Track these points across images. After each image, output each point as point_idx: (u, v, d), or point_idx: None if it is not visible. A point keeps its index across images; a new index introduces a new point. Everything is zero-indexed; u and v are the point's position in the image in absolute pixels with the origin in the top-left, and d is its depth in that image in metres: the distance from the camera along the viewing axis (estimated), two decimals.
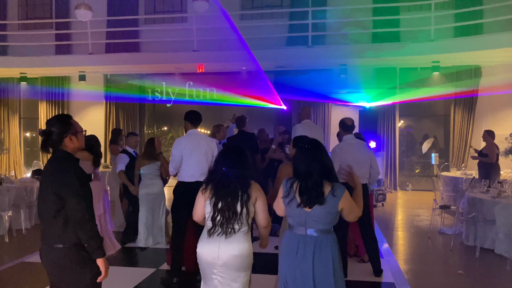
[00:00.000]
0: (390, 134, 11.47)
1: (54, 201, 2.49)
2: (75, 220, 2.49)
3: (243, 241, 2.78)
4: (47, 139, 2.58)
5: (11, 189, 6.69)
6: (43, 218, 2.58)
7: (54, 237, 2.52)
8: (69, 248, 2.51)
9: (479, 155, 8.03)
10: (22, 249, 6.06)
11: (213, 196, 2.77)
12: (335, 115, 11.59)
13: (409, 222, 8.00)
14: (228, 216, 2.73)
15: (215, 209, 2.75)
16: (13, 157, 13.05)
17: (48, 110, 12.76)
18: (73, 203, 2.48)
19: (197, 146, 4.60)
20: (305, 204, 2.60)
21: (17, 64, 11.55)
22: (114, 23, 11.65)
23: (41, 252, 2.63)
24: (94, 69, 11.73)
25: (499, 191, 5.99)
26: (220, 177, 2.76)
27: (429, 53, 9.61)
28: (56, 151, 2.60)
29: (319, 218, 2.60)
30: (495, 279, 4.99)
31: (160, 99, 12.69)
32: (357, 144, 4.90)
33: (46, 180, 2.56)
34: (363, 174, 4.74)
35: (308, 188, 2.59)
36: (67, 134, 2.60)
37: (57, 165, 2.55)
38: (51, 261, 2.54)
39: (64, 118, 2.67)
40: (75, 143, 2.64)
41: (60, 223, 2.50)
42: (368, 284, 4.74)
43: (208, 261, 2.77)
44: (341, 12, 10.68)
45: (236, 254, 2.74)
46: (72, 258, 2.52)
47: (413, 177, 12.29)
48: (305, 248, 2.61)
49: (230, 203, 2.73)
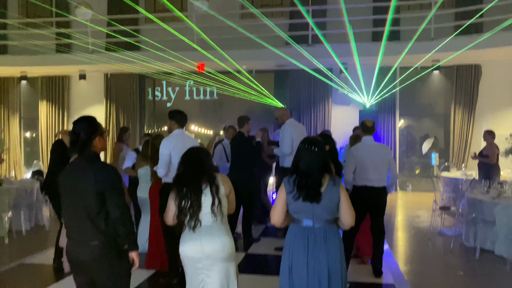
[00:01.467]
0: (390, 134, 11.46)
1: (97, 199, 2.61)
2: (117, 216, 2.64)
3: (223, 233, 2.95)
4: (76, 140, 2.69)
5: (11, 190, 6.68)
6: (79, 216, 2.65)
7: (93, 234, 2.62)
8: (108, 243, 2.65)
9: (479, 156, 8.03)
10: (22, 250, 6.06)
11: (177, 188, 2.97)
12: (335, 114, 11.58)
13: (409, 223, 8.00)
14: (193, 210, 2.90)
15: (180, 197, 2.94)
16: (13, 157, 13.05)
17: (48, 110, 12.74)
18: (116, 201, 2.64)
19: (184, 147, 4.53)
20: (304, 199, 2.74)
21: (17, 63, 11.55)
22: (115, 22, 11.62)
23: (74, 251, 2.70)
24: (95, 68, 11.72)
25: (499, 192, 5.98)
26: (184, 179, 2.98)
27: (429, 52, 9.60)
28: (85, 152, 2.70)
29: (324, 208, 2.74)
30: (495, 280, 4.99)
31: (160, 98, 12.70)
32: (375, 146, 4.91)
33: (81, 180, 2.63)
34: (380, 177, 4.75)
35: (307, 186, 2.73)
36: (96, 135, 2.72)
37: (93, 165, 2.66)
38: (91, 257, 2.63)
39: (92, 120, 2.79)
40: (102, 144, 2.78)
41: (102, 219, 2.63)
42: (368, 285, 4.74)
43: (192, 257, 2.90)
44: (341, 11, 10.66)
45: (219, 246, 2.89)
46: (111, 252, 2.66)
47: (413, 177, 12.28)
48: (315, 239, 2.73)
49: (194, 198, 2.91)
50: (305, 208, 2.75)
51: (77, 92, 12.86)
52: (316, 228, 2.75)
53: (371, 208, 4.80)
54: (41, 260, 5.57)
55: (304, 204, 2.74)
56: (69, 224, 2.75)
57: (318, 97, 11.64)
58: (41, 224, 7.48)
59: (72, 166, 2.73)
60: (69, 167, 2.75)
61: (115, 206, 2.63)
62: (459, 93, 11.08)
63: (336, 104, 11.67)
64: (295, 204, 2.77)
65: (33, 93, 13.29)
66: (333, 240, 2.76)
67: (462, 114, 11.03)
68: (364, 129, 4.98)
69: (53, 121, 12.72)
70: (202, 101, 12.53)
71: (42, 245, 6.30)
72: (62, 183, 2.75)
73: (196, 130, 15.62)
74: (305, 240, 2.75)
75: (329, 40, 10.92)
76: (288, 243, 2.84)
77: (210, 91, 12.16)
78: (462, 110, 11.04)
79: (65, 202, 2.75)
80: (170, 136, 4.66)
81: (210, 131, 14.36)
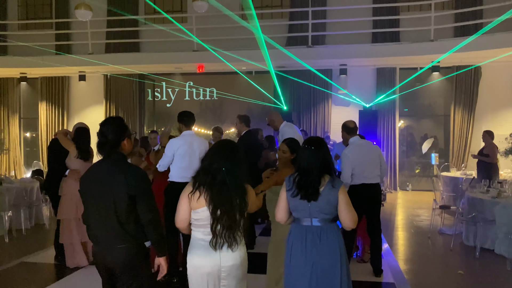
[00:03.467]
0: (390, 134, 11.47)
1: (128, 202, 2.53)
2: (149, 220, 2.58)
3: (242, 248, 2.64)
4: (105, 143, 2.61)
5: (11, 189, 6.69)
6: (107, 220, 2.55)
7: (121, 238, 2.56)
8: (136, 247, 2.60)
9: (479, 155, 8.04)
10: (22, 249, 6.06)
11: (210, 203, 2.52)
12: (335, 115, 11.59)
13: (409, 222, 8.00)
14: (228, 226, 2.51)
15: (214, 217, 2.51)
16: (13, 157, 13.06)
17: (48, 110, 12.76)
18: (147, 204, 2.58)
19: (190, 148, 4.59)
20: (302, 198, 2.78)
21: (17, 64, 11.56)
22: (114, 23, 11.65)
23: (101, 254, 2.63)
24: (94, 69, 11.73)
25: (499, 191, 5.99)
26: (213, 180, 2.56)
27: (429, 53, 9.61)
28: (114, 153, 2.63)
29: (321, 208, 2.77)
30: (495, 279, 4.99)
31: (160, 99, 12.71)
32: (365, 145, 4.92)
33: (112, 182, 2.55)
34: (375, 174, 4.78)
35: (306, 184, 2.77)
36: (124, 137, 2.66)
37: (124, 168, 2.59)
38: (119, 261, 2.57)
39: (121, 121, 2.71)
40: (130, 146, 2.72)
41: (131, 223, 2.57)
42: (368, 284, 4.74)
43: (208, 272, 2.54)
44: (341, 12, 10.69)
45: (238, 263, 2.59)
46: (139, 255, 2.61)
47: (413, 177, 12.29)
48: (313, 237, 2.77)
49: (230, 212, 2.51)
50: (302, 206, 2.80)
51: (77, 93, 12.88)
52: (314, 226, 2.79)
53: (368, 205, 4.80)
54: (41, 258, 5.57)
55: (301, 202, 2.79)
56: (95, 228, 2.63)
57: (318, 98, 11.64)
58: (41, 223, 7.51)
59: (99, 168, 2.63)
60: (95, 169, 2.66)
61: (147, 209, 2.57)
62: (459, 93, 11.10)
63: (336, 105, 11.68)
64: (293, 202, 2.82)
65: (33, 93, 13.31)
66: (331, 239, 2.78)
67: (462, 114, 11.04)
68: (348, 131, 4.99)
69: (53, 122, 12.73)
70: (202, 101, 12.54)
71: (42, 244, 6.32)
72: (87, 186, 2.64)
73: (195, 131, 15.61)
74: (303, 239, 2.79)
75: (329, 41, 10.97)
76: (288, 242, 2.89)
77: (209, 92, 12.17)
78: (462, 110, 11.05)
79: (91, 205, 2.62)
80: (177, 138, 4.74)
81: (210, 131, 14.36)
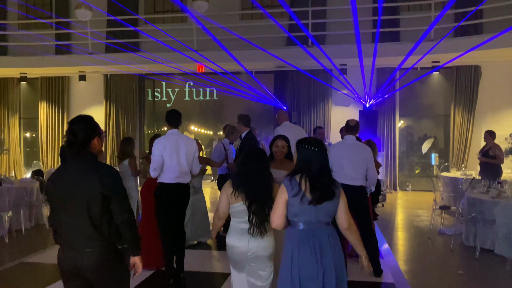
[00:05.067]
0: (390, 134, 11.47)
1: (101, 202, 2.46)
2: (124, 220, 2.53)
3: (269, 235, 3.13)
4: (74, 142, 2.52)
5: (11, 190, 6.68)
6: (79, 221, 2.47)
7: (94, 239, 2.48)
8: (110, 248, 2.54)
9: (483, 156, 7.97)
10: (22, 249, 6.06)
11: (246, 200, 3.05)
12: (335, 115, 11.59)
13: (409, 223, 8.00)
14: (261, 218, 3.04)
15: (250, 211, 3.04)
16: (13, 158, 13.06)
17: (48, 110, 12.76)
18: (122, 204, 2.53)
19: (176, 147, 4.50)
20: (317, 201, 2.66)
21: (17, 64, 11.56)
22: (114, 23, 11.64)
23: (71, 258, 2.50)
24: (94, 69, 11.73)
25: (499, 191, 5.99)
26: (250, 181, 3.05)
27: (429, 53, 9.61)
28: (84, 153, 2.53)
29: (327, 211, 2.71)
30: (495, 279, 4.99)
31: (160, 99, 12.71)
32: (353, 145, 4.91)
33: (84, 183, 2.47)
34: (357, 176, 4.75)
35: (323, 185, 2.68)
36: (94, 136, 2.58)
37: (97, 167, 2.52)
38: (92, 264, 2.47)
39: (90, 120, 2.64)
40: (100, 145, 2.63)
41: (105, 223, 2.49)
42: (368, 284, 4.74)
43: (240, 253, 3.10)
44: (340, 12, 10.69)
45: (264, 246, 3.08)
46: (112, 258, 2.55)
47: (413, 177, 12.29)
48: (321, 242, 2.68)
49: (262, 207, 3.05)
50: (309, 211, 2.66)
51: (77, 92, 12.87)
52: (319, 230, 2.70)
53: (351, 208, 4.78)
54: (41, 259, 5.57)
55: (308, 207, 2.65)
56: (64, 229, 2.51)
57: (318, 98, 11.65)
58: (41, 223, 7.51)
59: (70, 169, 2.54)
60: (64, 169, 2.57)
61: (121, 209, 2.51)
62: (459, 93, 11.09)
63: (336, 104, 11.68)
64: (300, 206, 2.65)
65: (33, 93, 13.31)
66: (337, 243, 2.75)
67: (462, 114, 11.04)
68: (347, 128, 5.03)
69: (53, 122, 12.73)
70: (202, 101, 12.54)
71: (42, 244, 6.32)
72: (57, 187, 2.54)
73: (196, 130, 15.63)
74: (308, 244, 2.66)
75: (329, 41, 10.96)
76: (291, 250, 2.70)
77: (209, 92, 12.17)
78: (462, 110, 11.04)
79: (61, 207, 2.52)
80: (162, 137, 4.60)
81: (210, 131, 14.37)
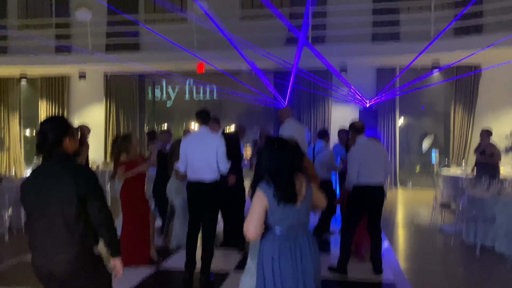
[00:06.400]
0: (391, 133, 11.47)
1: (77, 204, 2.34)
2: (101, 221, 2.41)
3: None
4: (44, 142, 2.41)
5: (11, 188, 6.68)
6: (53, 224, 2.35)
7: (68, 243, 2.34)
8: (85, 252, 2.41)
9: (482, 154, 7.96)
10: (22, 248, 6.04)
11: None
12: (335, 113, 11.60)
13: (410, 220, 8.00)
14: None
15: None
16: (13, 156, 13.07)
17: (48, 109, 12.78)
18: (99, 205, 2.40)
19: (200, 145, 4.59)
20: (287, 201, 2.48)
21: (17, 63, 11.57)
22: (114, 23, 11.64)
23: (45, 264, 2.37)
24: (94, 68, 11.72)
25: (499, 189, 5.99)
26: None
27: (429, 53, 9.61)
28: (56, 153, 2.43)
29: (307, 211, 2.60)
30: (496, 277, 4.99)
31: (160, 98, 12.69)
32: (372, 144, 4.92)
33: (58, 184, 2.36)
34: (381, 174, 4.76)
35: (285, 185, 2.49)
36: (66, 135, 2.46)
37: (70, 168, 2.40)
38: (67, 270, 2.34)
39: (62, 119, 2.53)
40: (74, 144, 2.51)
41: (81, 226, 2.37)
42: (368, 283, 4.72)
43: None
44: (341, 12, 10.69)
45: None
46: (88, 262, 2.42)
47: (414, 174, 12.29)
48: (302, 246, 2.55)
49: None
50: (291, 214, 2.50)
51: (77, 91, 12.88)
52: (300, 233, 2.56)
53: (371, 207, 4.79)
54: None
55: (292, 209, 2.49)
56: (38, 234, 2.38)
57: (318, 97, 11.65)
58: None
59: (43, 171, 2.42)
60: (38, 171, 2.44)
61: (98, 210, 2.39)
62: (459, 92, 11.11)
63: (336, 103, 11.68)
64: (284, 210, 2.48)
65: (33, 92, 13.32)
66: (314, 244, 2.62)
67: (462, 113, 11.05)
68: (357, 130, 4.99)
69: None
70: (202, 101, 12.52)
71: None
72: (30, 190, 2.42)
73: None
74: (292, 252, 2.51)
75: (329, 41, 10.95)
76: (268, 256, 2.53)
77: (210, 91, 12.16)
78: (462, 109, 11.05)
79: (34, 210, 2.40)
80: (187, 136, 4.82)
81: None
